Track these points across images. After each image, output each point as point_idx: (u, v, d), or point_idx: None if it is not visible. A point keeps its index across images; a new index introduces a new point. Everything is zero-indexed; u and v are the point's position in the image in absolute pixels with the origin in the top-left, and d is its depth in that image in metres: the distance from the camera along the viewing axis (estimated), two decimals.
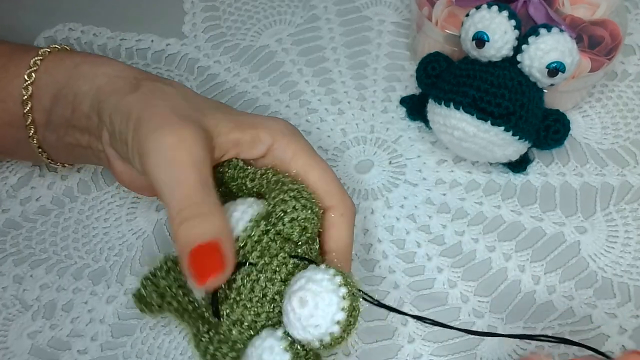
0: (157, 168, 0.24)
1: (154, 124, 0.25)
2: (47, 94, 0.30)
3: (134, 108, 0.26)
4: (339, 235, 0.27)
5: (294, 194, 0.25)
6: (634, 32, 0.41)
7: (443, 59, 0.35)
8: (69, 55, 0.31)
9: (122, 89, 0.28)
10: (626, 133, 0.37)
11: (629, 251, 0.33)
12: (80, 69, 0.29)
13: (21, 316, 0.32)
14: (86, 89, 0.29)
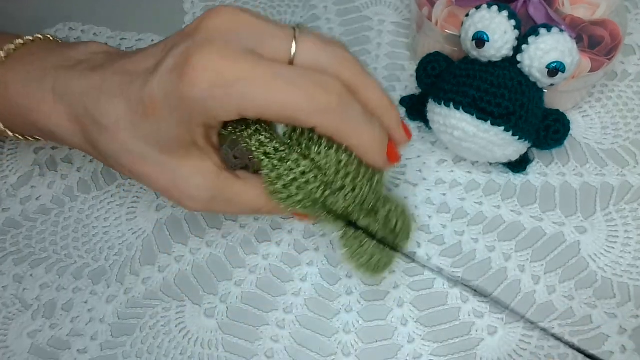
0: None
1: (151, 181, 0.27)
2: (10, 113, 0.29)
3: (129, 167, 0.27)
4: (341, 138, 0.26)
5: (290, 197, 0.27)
6: (634, 32, 0.41)
7: (443, 59, 0.35)
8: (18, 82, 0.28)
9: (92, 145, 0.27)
10: (626, 133, 0.37)
11: (629, 251, 0.33)
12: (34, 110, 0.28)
13: (21, 315, 0.32)
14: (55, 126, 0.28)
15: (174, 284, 0.33)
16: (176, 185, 0.27)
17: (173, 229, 0.35)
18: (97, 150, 0.27)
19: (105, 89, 0.26)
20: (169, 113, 0.25)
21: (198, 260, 0.34)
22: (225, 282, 0.33)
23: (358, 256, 0.28)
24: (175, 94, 0.24)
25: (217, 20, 0.25)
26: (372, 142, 0.26)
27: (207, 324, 0.32)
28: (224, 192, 0.27)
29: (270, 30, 0.25)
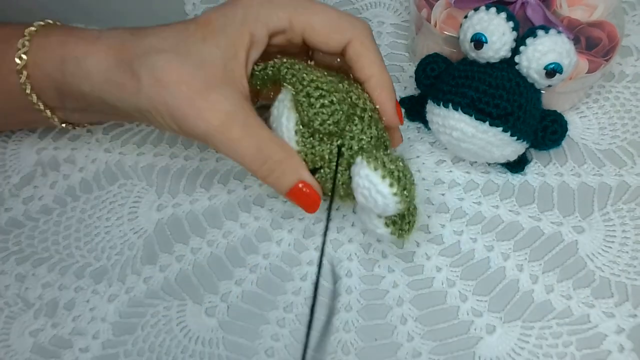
0: (218, 147, 0.27)
1: (192, 119, 0.27)
2: (47, 87, 0.30)
3: (157, 107, 0.27)
4: (369, 59, 0.29)
5: (317, 94, 0.27)
6: (631, 34, 0.42)
7: (442, 60, 0.36)
8: (50, 46, 0.30)
9: (125, 90, 0.28)
10: (623, 134, 0.38)
11: (627, 250, 0.33)
12: (69, 67, 0.29)
13: (23, 314, 0.33)
14: (88, 88, 0.29)
15: (175, 283, 0.33)
16: (202, 94, 0.27)
17: (174, 229, 0.35)
18: (129, 66, 0.27)
19: (154, 28, 0.29)
20: (223, 26, 0.28)
21: (199, 259, 0.34)
22: (226, 281, 0.33)
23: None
24: (235, 5, 0.28)
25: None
26: (388, 81, 0.30)
27: (208, 322, 0.32)
28: (245, 114, 0.27)
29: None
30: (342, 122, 0.27)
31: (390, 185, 0.26)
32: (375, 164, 0.26)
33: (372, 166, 0.26)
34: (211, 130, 0.27)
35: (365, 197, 0.26)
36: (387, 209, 0.26)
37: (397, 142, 0.33)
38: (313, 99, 0.26)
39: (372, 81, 0.29)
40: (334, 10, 0.29)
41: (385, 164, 0.26)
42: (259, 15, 0.28)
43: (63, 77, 0.29)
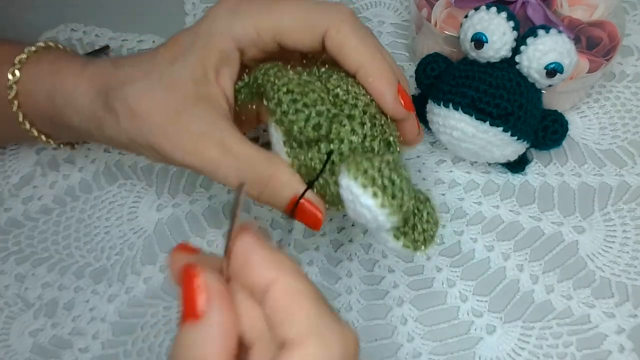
0: (200, 171, 0.26)
1: (170, 147, 0.26)
2: (37, 112, 0.30)
3: (135, 139, 0.27)
4: (351, 47, 0.25)
5: (294, 108, 0.24)
6: (632, 33, 0.42)
7: (442, 60, 0.36)
8: (40, 75, 0.30)
9: (106, 123, 0.27)
10: (624, 134, 0.38)
11: (627, 251, 0.33)
12: (58, 100, 0.29)
13: (23, 314, 0.33)
14: (77, 121, 0.29)
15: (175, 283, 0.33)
16: (174, 118, 0.25)
17: (174, 229, 0.35)
18: (106, 99, 0.27)
19: (134, 56, 0.29)
20: (190, 43, 0.27)
21: None
22: None
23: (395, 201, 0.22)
24: (200, 23, 0.27)
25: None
26: (382, 66, 0.25)
27: None
28: (218, 133, 0.25)
29: None
30: (324, 126, 0.24)
31: (374, 195, 0.21)
32: (355, 172, 0.21)
33: (351, 175, 0.21)
34: (187, 156, 0.25)
35: (353, 212, 0.22)
36: (378, 223, 0.22)
37: (411, 136, 0.28)
38: (285, 105, 0.23)
39: (362, 71, 0.26)
40: (303, 3, 0.26)
41: (367, 170, 0.21)
42: (223, 29, 0.26)
43: (54, 109, 0.29)
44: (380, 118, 0.26)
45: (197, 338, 0.18)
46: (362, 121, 0.25)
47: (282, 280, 0.18)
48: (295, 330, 0.18)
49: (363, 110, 0.25)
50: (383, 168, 0.22)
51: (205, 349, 0.17)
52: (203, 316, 0.18)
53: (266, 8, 0.26)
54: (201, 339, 0.18)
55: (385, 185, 0.21)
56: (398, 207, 0.22)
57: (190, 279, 0.18)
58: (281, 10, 0.26)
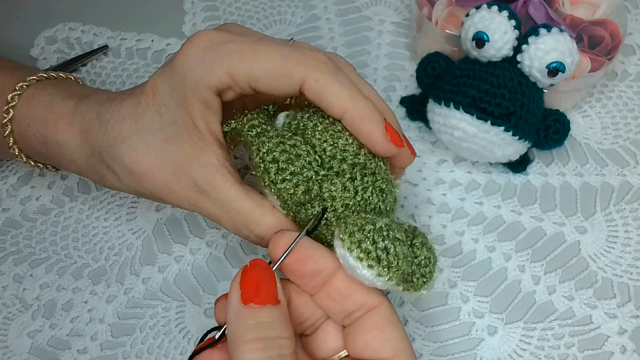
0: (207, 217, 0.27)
1: (175, 198, 0.26)
2: (37, 156, 0.31)
3: (140, 192, 0.27)
4: (332, 95, 0.25)
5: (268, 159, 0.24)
6: (633, 32, 0.41)
7: (443, 59, 0.35)
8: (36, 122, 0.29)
9: (107, 177, 0.28)
10: (626, 133, 0.37)
11: (629, 251, 0.33)
12: (51, 148, 0.29)
13: (21, 315, 0.32)
14: (73, 168, 0.29)
15: (174, 284, 0.33)
16: (176, 175, 0.26)
17: (173, 229, 0.35)
18: (101, 157, 0.27)
19: (115, 97, 0.28)
20: (168, 94, 0.26)
21: (198, 260, 0.34)
22: (225, 282, 0.33)
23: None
24: (171, 72, 0.25)
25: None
26: (366, 107, 0.25)
27: (207, 323, 0.32)
28: (219, 190, 0.25)
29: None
30: (313, 189, 0.24)
31: (370, 267, 0.22)
32: (349, 244, 0.22)
33: (346, 247, 0.22)
34: (193, 208, 0.26)
35: (353, 274, 0.23)
36: (377, 286, 0.23)
37: (407, 162, 0.28)
38: (272, 174, 0.24)
39: (347, 116, 0.25)
40: (277, 50, 0.25)
41: (361, 244, 0.22)
42: (197, 80, 0.25)
43: (49, 154, 0.30)
44: (370, 165, 0.25)
45: (275, 319, 0.21)
46: (352, 176, 0.24)
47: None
48: (368, 295, 0.23)
49: (352, 163, 0.25)
50: (377, 239, 0.22)
51: (281, 330, 0.21)
52: (280, 302, 0.22)
53: (238, 55, 0.25)
54: (278, 321, 0.21)
55: (379, 257, 0.22)
56: (394, 272, 0.22)
57: (270, 273, 0.22)
58: (254, 58, 0.25)
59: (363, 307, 0.23)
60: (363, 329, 0.23)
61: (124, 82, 0.41)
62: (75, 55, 0.42)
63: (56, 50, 0.43)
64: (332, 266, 0.23)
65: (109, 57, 0.43)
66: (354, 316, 0.23)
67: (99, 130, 0.27)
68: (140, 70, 0.42)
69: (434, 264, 0.25)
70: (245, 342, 0.21)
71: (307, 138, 0.25)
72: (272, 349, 0.21)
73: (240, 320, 0.21)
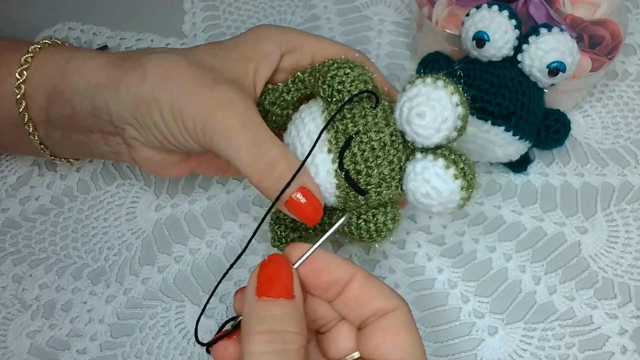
0: (214, 136, 0.26)
1: (193, 106, 0.26)
2: (41, 92, 0.29)
3: (159, 97, 0.26)
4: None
5: (336, 65, 0.26)
6: (634, 32, 0.41)
7: (443, 59, 0.35)
8: (59, 51, 0.30)
9: (126, 79, 0.27)
10: (627, 133, 0.37)
11: (630, 251, 0.33)
12: (71, 65, 0.29)
13: (20, 316, 0.32)
14: (83, 86, 0.28)
15: (174, 284, 0.33)
16: (207, 86, 0.26)
17: (173, 229, 0.35)
18: (133, 68, 0.27)
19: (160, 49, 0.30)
20: (233, 43, 0.29)
21: (197, 260, 0.34)
22: (225, 282, 0.33)
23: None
24: (244, 35, 0.29)
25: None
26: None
27: (207, 324, 0.32)
28: (244, 105, 0.26)
29: None
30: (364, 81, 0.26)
31: (455, 177, 0.24)
32: (445, 162, 0.24)
33: (442, 164, 0.24)
34: (209, 117, 0.25)
35: (429, 196, 0.25)
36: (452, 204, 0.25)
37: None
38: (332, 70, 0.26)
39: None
40: (339, 45, 0.31)
41: (455, 161, 0.25)
42: (271, 35, 0.29)
43: (61, 76, 0.29)
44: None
45: (286, 313, 0.21)
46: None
47: (360, 271, 0.23)
48: (385, 301, 0.23)
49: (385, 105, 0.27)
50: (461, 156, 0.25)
51: (291, 325, 0.21)
52: (295, 297, 0.22)
53: (313, 35, 0.30)
54: (290, 315, 0.21)
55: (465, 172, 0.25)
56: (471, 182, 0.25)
57: (286, 265, 0.22)
58: (324, 42, 0.30)
59: (379, 312, 0.23)
60: (376, 331, 0.23)
61: None
62: None
63: None
64: (347, 276, 0.23)
65: None
66: (370, 320, 0.23)
67: (134, 55, 0.28)
68: None
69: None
70: (253, 333, 0.21)
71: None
72: (277, 342, 0.21)
73: (252, 312, 0.21)
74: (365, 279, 0.23)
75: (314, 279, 0.23)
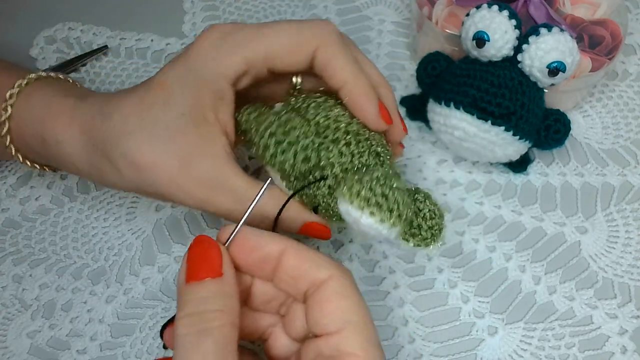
0: (215, 215, 0.26)
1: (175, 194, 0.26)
2: (24, 131, 0.29)
3: (145, 188, 0.26)
4: (337, 67, 0.27)
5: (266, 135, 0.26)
6: (634, 32, 0.41)
7: (443, 59, 0.35)
8: (40, 97, 0.29)
9: (105, 171, 0.27)
10: (627, 133, 0.37)
11: (630, 251, 0.33)
12: (52, 149, 0.28)
13: (20, 316, 0.32)
14: (74, 170, 0.29)
15: (174, 284, 0.33)
16: (182, 171, 0.26)
17: (173, 229, 0.35)
18: (104, 153, 0.27)
19: (117, 93, 0.28)
20: (180, 86, 0.26)
21: None
22: None
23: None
24: (185, 63, 0.26)
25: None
26: (364, 84, 0.27)
27: None
28: (229, 181, 0.26)
29: None
30: (312, 157, 0.25)
31: (372, 214, 0.23)
32: (349, 197, 0.23)
33: (347, 200, 0.23)
34: (200, 204, 0.26)
35: (359, 231, 0.24)
36: (384, 236, 0.24)
37: (399, 137, 0.30)
38: (272, 148, 0.25)
39: (346, 89, 0.27)
40: (289, 25, 0.27)
41: (360, 193, 0.23)
42: (213, 68, 0.26)
43: (47, 154, 0.29)
44: (364, 132, 0.27)
45: (211, 293, 0.21)
46: (347, 141, 0.26)
47: (291, 244, 0.23)
48: (317, 271, 0.22)
49: (346, 130, 0.26)
50: (374, 186, 0.23)
51: (216, 303, 0.21)
52: (223, 275, 0.21)
53: (253, 36, 0.26)
54: (220, 292, 0.21)
55: (379, 203, 0.23)
56: (397, 218, 0.23)
57: (213, 244, 0.22)
58: (269, 35, 0.26)
59: (314, 283, 0.23)
60: (312, 305, 0.22)
61: (123, 81, 0.41)
62: (74, 55, 0.42)
63: (55, 50, 0.43)
64: (277, 249, 0.23)
65: (108, 57, 0.43)
66: (308, 294, 0.23)
67: (102, 124, 0.27)
68: (140, 70, 0.42)
69: (440, 216, 0.26)
70: (178, 318, 0.21)
71: (301, 114, 0.26)
72: (197, 323, 0.21)
73: (179, 297, 0.21)
74: (297, 252, 0.23)
75: (246, 256, 0.23)
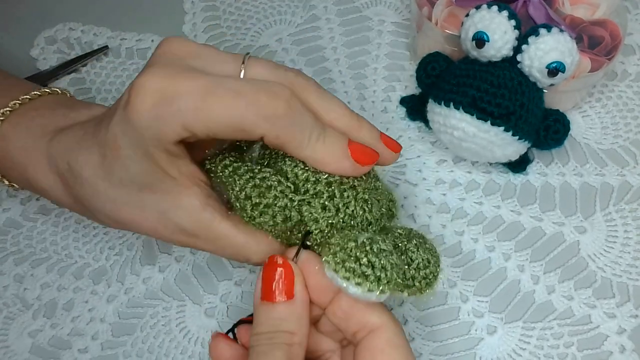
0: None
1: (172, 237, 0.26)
2: (11, 178, 0.30)
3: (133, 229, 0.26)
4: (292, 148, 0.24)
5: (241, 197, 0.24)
6: (633, 32, 0.41)
7: (443, 59, 0.35)
8: (25, 129, 0.28)
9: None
10: (626, 133, 0.37)
11: (628, 251, 0.33)
12: (30, 184, 0.28)
13: (22, 315, 0.32)
14: (54, 201, 0.29)
15: (175, 283, 0.33)
16: (161, 223, 0.25)
17: None
18: (85, 206, 0.27)
19: (84, 141, 0.26)
20: (130, 148, 0.24)
21: (198, 260, 0.34)
22: (226, 281, 0.33)
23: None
24: (127, 125, 0.23)
25: (165, 47, 0.25)
26: (327, 152, 0.24)
27: (208, 323, 0.32)
28: (209, 229, 0.25)
29: (219, 55, 0.25)
30: (293, 216, 0.24)
31: (358, 285, 0.21)
32: (334, 265, 0.22)
33: (332, 268, 0.22)
34: (187, 246, 0.26)
35: (347, 294, 0.22)
36: (372, 300, 0.22)
37: (390, 160, 0.27)
38: (249, 211, 0.24)
39: (309, 162, 0.24)
40: (232, 103, 0.23)
41: (345, 262, 0.22)
42: (155, 135, 0.23)
43: (35, 192, 0.29)
44: (347, 179, 0.25)
45: (288, 314, 0.22)
46: (330, 194, 0.24)
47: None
48: (369, 318, 0.23)
49: (327, 182, 0.24)
50: (359, 255, 0.22)
51: (293, 325, 0.22)
52: (296, 297, 0.23)
53: (191, 112, 0.23)
54: (292, 315, 0.22)
55: (365, 273, 0.22)
56: (385, 285, 0.22)
57: (286, 265, 0.23)
58: (209, 115, 0.23)
59: (365, 327, 0.23)
60: (363, 351, 0.23)
61: (124, 82, 0.41)
62: (75, 55, 0.42)
63: (56, 50, 0.43)
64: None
65: (109, 57, 0.43)
66: (359, 336, 0.23)
67: (75, 183, 0.26)
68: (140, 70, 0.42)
69: (435, 263, 0.25)
70: (253, 334, 0.22)
71: (278, 167, 0.25)
72: (269, 340, 0.22)
73: (255, 314, 0.23)
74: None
75: (307, 277, 0.23)
